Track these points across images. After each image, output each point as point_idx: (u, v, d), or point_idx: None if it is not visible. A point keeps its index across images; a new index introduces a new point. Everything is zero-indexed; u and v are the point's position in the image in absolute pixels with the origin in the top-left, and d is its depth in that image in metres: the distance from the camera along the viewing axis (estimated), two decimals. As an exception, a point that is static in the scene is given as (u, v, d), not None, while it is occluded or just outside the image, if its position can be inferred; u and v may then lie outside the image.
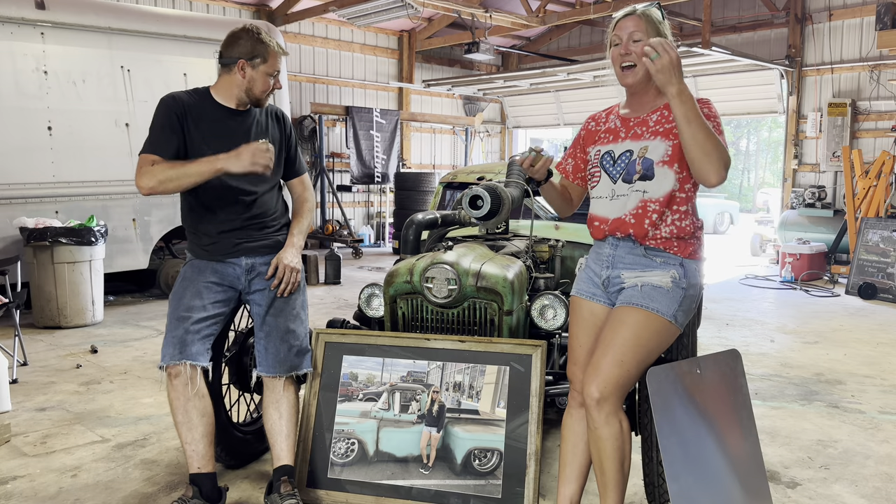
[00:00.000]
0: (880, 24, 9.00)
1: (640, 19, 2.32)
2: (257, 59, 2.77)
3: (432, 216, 3.76)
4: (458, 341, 2.94)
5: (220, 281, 2.86)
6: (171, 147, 2.72)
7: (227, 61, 2.79)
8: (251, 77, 2.79)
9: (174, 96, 2.82)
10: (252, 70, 2.78)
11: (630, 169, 2.36)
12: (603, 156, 2.45)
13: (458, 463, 2.80)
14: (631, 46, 2.32)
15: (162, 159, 2.68)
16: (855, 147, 10.28)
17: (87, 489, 3.10)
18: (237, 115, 2.87)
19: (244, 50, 2.77)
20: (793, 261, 9.29)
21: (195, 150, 2.77)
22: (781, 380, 4.85)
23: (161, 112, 2.78)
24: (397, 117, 13.28)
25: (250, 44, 2.77)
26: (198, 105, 2.82)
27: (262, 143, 2.69)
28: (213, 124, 2.81)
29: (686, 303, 2.36)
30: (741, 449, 2.49)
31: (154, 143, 2.73)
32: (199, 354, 2.74)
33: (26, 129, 6.55)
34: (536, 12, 11.00)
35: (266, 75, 2.80)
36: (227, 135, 2.80)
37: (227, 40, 2.80)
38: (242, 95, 2.83)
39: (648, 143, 2.35)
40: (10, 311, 4.93)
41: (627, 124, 2.43)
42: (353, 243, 11.57)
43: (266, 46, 2.78)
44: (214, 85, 2.87)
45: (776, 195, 18.76)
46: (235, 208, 2.85)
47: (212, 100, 2.85)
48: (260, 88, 2.82)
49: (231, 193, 2.82)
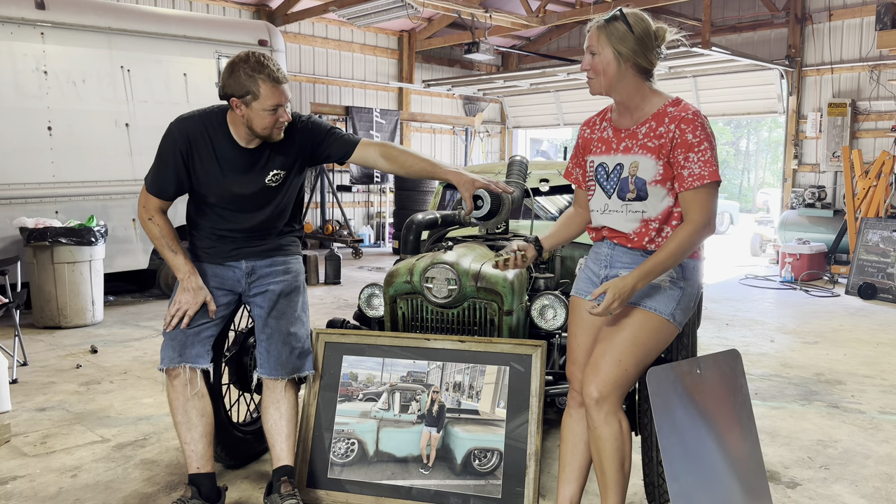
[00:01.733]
0: (880, 24, 9.00)
1: (596, 32, 2.29)
2: (248, 95, 2.54)
3: (432, 216, 3.76)
4: (458, 341, 2.94)
5: (220, 285, 2.85)
6: (172, 189, 2.74)
7: (223, 97, 2.61)
8: (247, 115, 2.59)
9: (181, 129, 2.69)
10: (246, 108, 2.57)
11: (623, 186, 2.34)
12: (597, 168, 2.44)
13: (458, 463, 2.80)
14: (588, 61, 2.31)
15: (162, 204, 2.76)
16: (855, 147, 10.28)
17: (87, 489, 3.10)
18: (248, 154, 2.73)
19: (235, 86, 2.54)
20: (793, 261, 9.29)
21: (200, 184, 2.75)
22: (781, 380, 4.85)
23: (166, 146, 2.70)
24: (397, 117, 13.28)
25: (239, 79, 2.53)
26: (207, 138, 2.69)
27: (205, 299, 2.74)
28: (221, 163, 2.71)
29: (684, 301, 2.36)
30: (741, 449, 2.49)
31: (157, 182, 2.73)
32: (198, 357, 2.74)
33: (26, 129, 6.55)
34: (536, 12, 11.00)
35: (263, 111, 2.56)
36: (234, 172, 2.73)
37: (224, 72, 2.59)
38: (247, 132, 2.66)
39: (638, 158, 2.31)
40: (10, 311, 4.93)
41: (619, 135, 2.39)
42: (353, 243, 11.57)
43: (255, 81, 2.51)
44: (231, 113, 2.69)
45: (776, 195, 18.75)
46: (239, 227, 2.83)
47: (225, 133, 2.70)
48: (260, 126, 2.60)
49: (236, 217, 2.81)
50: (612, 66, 2.26)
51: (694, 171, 2.23)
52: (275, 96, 2.55)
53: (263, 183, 2.77)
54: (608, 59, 2.26)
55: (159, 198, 2.75)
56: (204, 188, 2.75)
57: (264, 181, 2.77)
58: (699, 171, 2.22)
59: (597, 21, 2.30)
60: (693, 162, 2.23)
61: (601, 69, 2.28)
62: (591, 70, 2.31)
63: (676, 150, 2.24)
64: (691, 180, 2.23)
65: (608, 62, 2.26)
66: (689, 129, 2.23)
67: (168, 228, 2.77)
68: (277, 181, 2.79)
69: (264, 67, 2.53)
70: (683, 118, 2.25)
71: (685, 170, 2.24)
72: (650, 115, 2.32)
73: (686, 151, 2.23)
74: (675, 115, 2.26)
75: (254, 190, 2.77)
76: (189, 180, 2.74)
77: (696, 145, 2.23)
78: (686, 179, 2.24)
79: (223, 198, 2.77)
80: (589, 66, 2.31)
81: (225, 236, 2.84)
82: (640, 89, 2.32)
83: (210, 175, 2.73)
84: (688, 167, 2.23)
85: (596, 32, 2.29)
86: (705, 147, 2.23)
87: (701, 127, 2.24)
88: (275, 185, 2.79)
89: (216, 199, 2.78)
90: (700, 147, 2.23)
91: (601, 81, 2.30)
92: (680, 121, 2.25)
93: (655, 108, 2.31)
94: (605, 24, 2.27)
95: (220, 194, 2.76)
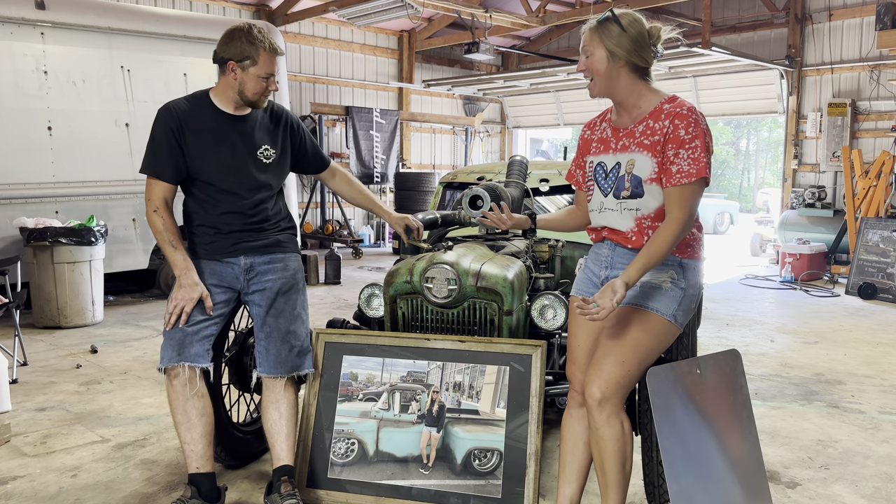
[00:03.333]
0: (880, 24, 9.00)
1: (589, 33, 2.32)
2: (246, 60, 2.71)
3: (432, 216, 3.76)
4: (458, 341, 2.94)
5: (219, 283, 2.85)
6: (169, 168, 2.77)
7: (219, 61, 2.76)
8: (242, 79, 2.74)
9: (170, 108, 2.80)
10: (242, 72, 2.73)
11: (619, 184, 2.36)
12: (595, 167, 2.46)
13: (458, 463, 2.80)
14: (584, 62, 2.34)
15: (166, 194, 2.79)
16: (855, 147, 10.28)
17: (87, 489, 3.10)
18: (236, 121, 2.84)
19: (234, 51, 2.71)
20: (793, 261, 9.29)
21: (194, 161, 2.78)
22: (781, 380, 4.85)
23: (158, 128, 2.77)
24: (397, 117, 13.28)
25: (240, 45, 2.70)
26: (195, 114, 2.79)
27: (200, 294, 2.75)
28: (212, 133, 2.80)
29: (685, 302, 2.36)
30: (741, 449, 2.49)
31: (154, 164, 2.78)
32: (198, 356, 2.74)
33: (26, 129, 6.54)
34: (536, 12, 11.00)
35: (257, 77, 2.74)
36: (226, 142, 2.80)
37: (221, 39, 2.76)
38: (236, 97, 2.79)
39: (635, 156, 2.33)
40: (10, 311, 4.93)
41: (617, 134, 2.41)
42: (353, 243, 11.57)
43: (256, 48, 2.70)
44: (214, 87, 2.85)
45: (776, 195, 18.76)
46: (235, 213, 2.84)
47: (211, 105, 2.83)
48: (252, 90, 2.76)
49: (230, 198, 2.83)
50: (605, 66, 2.29)
51: (682, 167, 2.24)
52: (271, 65, 2.75)
53: (255, 156, 2.85)
54: (601, 59, 2.29)
55: (158, 178, 2.77)
56: (198, 164, 2.78)
57: (256, 154, 2.85)
58: (687, 168, 2.23)
59: (590, 23, 2.33)
60: (682, 159, 2.24)
61: (595, 69, 2.30)
62: (586, 71, 2.34)
63: (668, 146, 2.26)
64: (679, 177, 2.24)
65: (601, 62, 2.29)
66: (683, 125, 2.25)
67: (171, 223, 2.79)
68: (269, 158, 2.88)
69: (265, 37, 2.73)
70: (678, 114, 2.26)
71: (674, 166, 2.25)
72: (647, 114, 2.34)
73: (677, 147, 2.24)
74: (671, 111, 2.28)
75: (246, 162, 2.83)
76: (184, 159, 2.77)
77: (687, 142, 2.24)
78: (674, 175, 2.25)
79: (218, 173, 2.80)
80: (584, 67, 2.34)
81: (222, 229, 2.84)
82: (636, 88, 2.34)
83: (203, 148, 2.78)
84: (677, 163, 2.24)
85: (589, 34, 2.32)
86: (696, 145, 2.24)
87: (695, 123, 2.25)
88: (266, 161, 2.87)
89: (211, 177, 2.80)
90: (692, 144, 2.23)
91: (598, 83, 2.33)
92: (674, 116, 2.26)
93: (652, 105, 2.33)
94: (597, 26, 2.30)
95: (214, 169, 2.79)
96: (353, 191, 3.25)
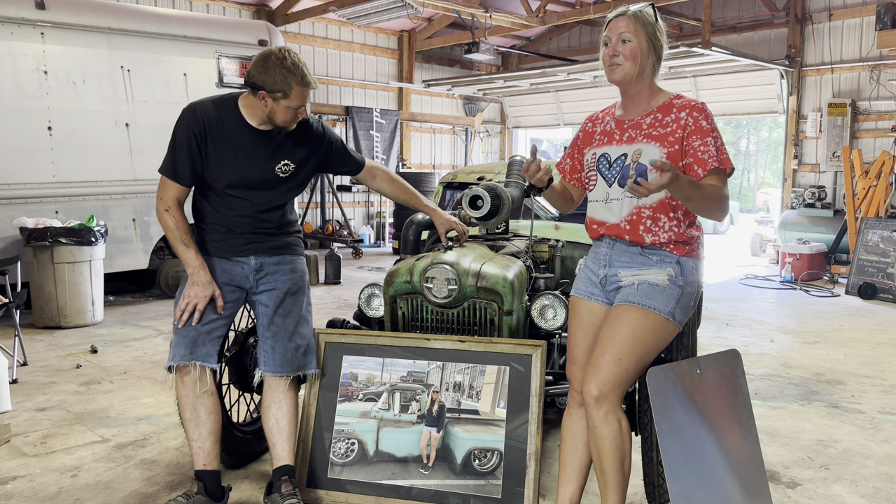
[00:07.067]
0: (880, 24, 8.99)
1: (631, 20, 2.33)
2: (278, 93, 2.65)
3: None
4: (458, 341, 2.94)
5: (230, 281, 2.86)
6: (186, 171, 2.76)
7: (251, 86, 2.70)
8: (272, 108, 2.70)
9: (196, 111, 2.76)
10: (273, 102, 2.68)
11: (625, 173, 2.37)
12: (599, 159, 2.47)
13: (458, 463, 2.81)
14: (619, 47, 2.34)
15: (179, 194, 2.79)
16: (855, 147, 10.28)
17: (87, 489, 3.10)
18: (260, 135, 2.80)
19: (268, 81, 2.64)
20: (793, 261, 9.29)
21: (212, 169, 2.77)
22: (781, 380, 4.85)
23: (181, 130, 2.75)
24: (397, 117, 13.28)
25: (274, 76, 2.64)
26: (221, 121, 2.76)
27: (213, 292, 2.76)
28: (234, 145, 2.77)
29: (684, 300, 2.37)
30: (741, 449, 2.49)
31: (172, 165, 2.77)
32: (208, 356, 2.75)
33: (26, 129, 6.54)
34: (536, 12, 11.00)
35: (288, 108, 2.70)
36: (246, 155, 2.78)
37: (256, 60, 2.69)
38: (265, 119, 2.76)
39: (642, 146, 2.35)
40: (10, 311, 4.93)
41: (622, 126, 2.44)
42: (353, 243, 11.57)
43: (289, 83, 2.64)
44: (245, 97, 2.79)
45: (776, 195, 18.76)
46: (247, 217, 2.85)
47: (237, 115, 2.78)
48: (281, 119, 2.73)
49: (243, 204, 2.83)
50: (645, 54, 2.33)
51: (712, 153, 2.29)
52: (303, 98, 2.71)
53: (273, 171, 2.82)
54: (643, 46, 2.33)
55: (175, 181, 2.76)
56: (213, 173, 2.77)
57: (274, 169, 2.82)
58: (717, 154, 2.29)
59: (628, 9, 2.35)
60: (710, 146, 2.30)
61: (632, 55, 2.32)
62: (619, 56, 2.33)
63: (692, 137, 2.30)
64: (712, 161, 2.28)
65: (643, 49, 2.33)
66: (702, 116, 2.32)
67: (183, 222, 2.79)
68: (287, 173, 2.85)
69: (298, 70, 2.67)
70: (694, 107, 2.33)
71: (705, 154, 2.29)
72: (655, 108, 2.39)
73: (702, 137, 2.30)
74: (684, 104, 2.35)
75: (263, 176, 2.81)
76: (202, 164, 2.76)
77: (709, 132, 2.31)
78: (707, 162, 2.29)
79: (232, 182, 2.79)
80: (618, 52, 2.34)
81: (233, 229, 2.85)
82: (651, 82, 2.41)
83: (222, 159, 2.76)
84: (707, 150, 2.29)
85: (630, 20, 2.34)
86: (717, 134, 2.33)
87: (711, 117, 2.34)
88: (283, 175, 2.85)
89: (224, 185, 2.80)
90: (714, 133, 2.32)
91: (628, 69, 2.34)
92: (692, 108, 2.33)
93: (661, 101, 2.40)
94: (639, 13, 2.34)
95: (229, 179, 2.78)
96: (396, 189, 3.20)
